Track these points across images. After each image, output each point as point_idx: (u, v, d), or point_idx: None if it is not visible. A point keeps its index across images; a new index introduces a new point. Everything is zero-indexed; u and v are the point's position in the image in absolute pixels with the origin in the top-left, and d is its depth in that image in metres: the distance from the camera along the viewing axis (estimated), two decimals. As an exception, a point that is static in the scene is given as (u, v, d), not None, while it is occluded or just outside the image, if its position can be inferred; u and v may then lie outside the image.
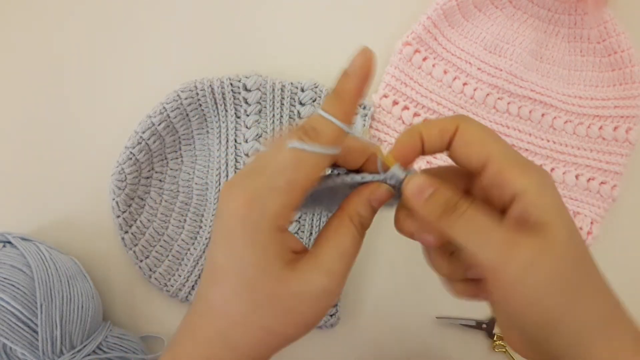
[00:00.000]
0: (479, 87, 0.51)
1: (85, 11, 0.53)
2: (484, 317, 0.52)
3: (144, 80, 0.52)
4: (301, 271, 0.27)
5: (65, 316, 0.43)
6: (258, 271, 0.27)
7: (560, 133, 0.51)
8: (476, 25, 0.52)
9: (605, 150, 0.51)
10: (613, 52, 0.50)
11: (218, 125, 0.51)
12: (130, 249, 0.50)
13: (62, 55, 0.53)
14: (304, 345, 0.52)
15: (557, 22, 0.51)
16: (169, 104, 0.49)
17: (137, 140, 0.48)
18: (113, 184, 0.49)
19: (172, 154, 0.51)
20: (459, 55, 0.51)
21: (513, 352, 0.52)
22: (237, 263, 0.27)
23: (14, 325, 0.41)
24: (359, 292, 0.52)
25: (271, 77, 0.50)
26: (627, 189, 0.52)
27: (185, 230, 0.51)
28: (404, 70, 0.51)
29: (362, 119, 0.50)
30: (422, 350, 0.53)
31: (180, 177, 0.52)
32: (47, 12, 0.53)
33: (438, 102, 0.51)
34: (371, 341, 0.53)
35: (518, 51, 0.51)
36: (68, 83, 0.53)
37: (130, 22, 0.53)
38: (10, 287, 0.42)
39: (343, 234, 0.29)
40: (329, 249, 0.28)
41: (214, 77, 0.49)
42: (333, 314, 0.50)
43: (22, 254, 0.45)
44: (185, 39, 0.53)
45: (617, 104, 0.51)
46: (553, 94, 0.51)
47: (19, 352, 0.42)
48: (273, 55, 0.53)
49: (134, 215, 0.50)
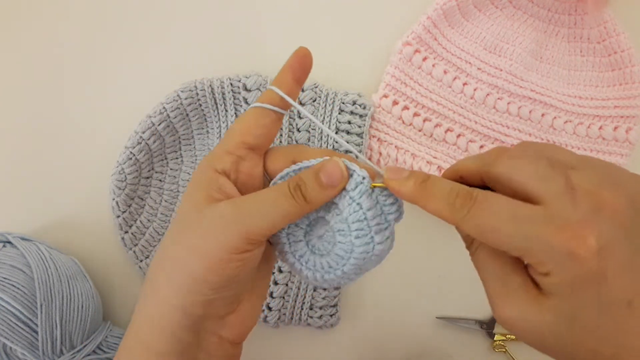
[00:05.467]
0: (479, 87, 0.51)
1: (85, 12, 0.53)
2: (484, 317, 0.52)
3: (144, 80, 0.52)
4: (217, 205, 0.29)
5: (65, 316, 0.43)
6: (188, 206, 0.30)
7: (560, 133, 0.51)
8: (476, 25, 0.52)
9: (605, 150, 0.51)
10: (613, 52, 0.51)
11: (218, 125, 0.51)
12: (130, 249, 0.50)
13: (62, 55, 0.53)
14: (304, 345, 0.52)
15: (557, 22, 0.51)
16: (169, 104, 0.49)
17: (137, 140, 0.48)
18: (113, 184, 0.49)
19: (172, 154, 0.51)
20: (459, 55, 0.51)
21: (513, 352, 0.52)
22: (179, 212, 0.31)
23: (14, 325, 0.41)
24: (359, 292, 0.52)
25: (271, 77, 0.50)
26: (627, 189, 0.52)
27: (185, 230, 0.51)
28: (404, 70, 0.51)
29: (363, 119, 0.50)
30: (422, 350, 0.53)
31: (180, 177, 0.52)
32: (46, 13, 0.53)
33: (438, 102, 0.52)
34: (371, 341, 0.53)
35: (518, 51, 0.51)
36: (68, 83, 0.53)
37: (130, 22, 0.53)
38: (10, 287, 0.42)
39: (274, 188, 0.30)
40: (249, 195, 0.30)
41: (214, 77, 0.49)
42: (333, 314, 0.50)
43: (22, 254, 0.45)
44: (185, 39, 0.53)
45: (617, 104, 0.51)
46: (553, 94, 0.51)
47: (19, 352, 0.42)
48: (273, 55, 0.53)
49: (134, 215, 0.50)
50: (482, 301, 0.52)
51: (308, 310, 0.50)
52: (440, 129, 0.52)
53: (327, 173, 0.29)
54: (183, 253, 0.29)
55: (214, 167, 0.30)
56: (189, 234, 0.29)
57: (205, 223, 0.29)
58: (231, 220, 0.28)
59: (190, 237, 0.29)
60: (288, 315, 0.50)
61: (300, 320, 0.50)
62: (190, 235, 0.29)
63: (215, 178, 0.30)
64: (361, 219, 0.29)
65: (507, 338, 0.52)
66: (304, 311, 0.50)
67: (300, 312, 0.50)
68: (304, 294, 0.50)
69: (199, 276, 0.28)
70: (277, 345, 0.53)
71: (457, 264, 0.51)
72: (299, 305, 0.50)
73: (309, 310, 0.50)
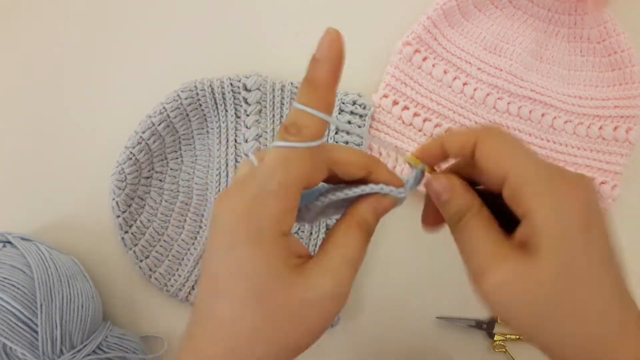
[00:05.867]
0: (479, 87, 0.51)
1: (85, 12, 0.53)
2: (484, 317, 0.52)
3: (144, 80, 0.52)
4: (308, 277, 0.26)
5: (65, 316, 0.43)
6: (267, 279, 0.25)
7: (560, 133, 0.51)
8: (476, 25, 0.52)
9: (605, 150, 0.51)
10: (613, 52, 0.50)
11: (218, 125, 0.51)
12: (130, 249, 0.50)
13: (62, 55, 0.53)
14: (304, 345, 0.52)
15: (557, 22, 0.51)
16: (169, 104, 0.49)
17: (137, 140, 0.48)
18: (113, 184, 0.49)
19: (172, 154, 0.51)
20: (459, 55, 0.51)
21: (513, 352, 0.52)
22: (243, 272, 0.25)
23: (14, 325, 0.41)
24: (359, 292, 0.52)
25: (271, 77, 0.50)
26: (627, 189, 0.52)
27: (185, 230, 0.51)
28: (404, 70, 0.51)
29: (363, 119, 0.50)
30: (422, 350, 0.53)
31: (180, 177, 0.52)
32: (45, 13, 0.53)
33: (438, 102, 0.52)
34: (371, 341, 0.53)
35: (518, 51, 0.51)
36: (68, 83, 0.53)
37: (130, 22, 0.53)
38: (10, 287, 0.42)
39: (350, 239, 0.28)
40: (336, 254, 0.28)
41: (214, 77, 0.49)
42: (333, 314, 0.50)
43: (22, 254, 0.45)
44: (185, 39, 0.53)
45: (617, 104, 0.51)
46: (553, 94, 0.51)
47: (19, 352, 0.42)
48: (273, 55, 0.53)
49: (134, 215, 0.50)
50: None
51: (308, 310, 0.50)
52: (440, 129, 0.52)
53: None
54: (269, 349, 0.26)
55: (279, 228, 0.26)
56: (273, 323, 0.26)
57: (298, 308, 0.26)
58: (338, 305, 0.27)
59: (275, 327, 0.26)
60: (288, 315, 0.50)
61: (300, 320, 0.50)
62: (277, 326, 0.26)
63: (287, 244, 0.27)
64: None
65: (507, 338, 0.52)
66: (304, 311, 0.50)
67: (300, 312, 0.50)
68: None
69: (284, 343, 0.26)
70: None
71: (457, 264, 0.51)
72: (299, 305, 0.50)
73: (309, 310, 0.50)
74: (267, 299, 0.25)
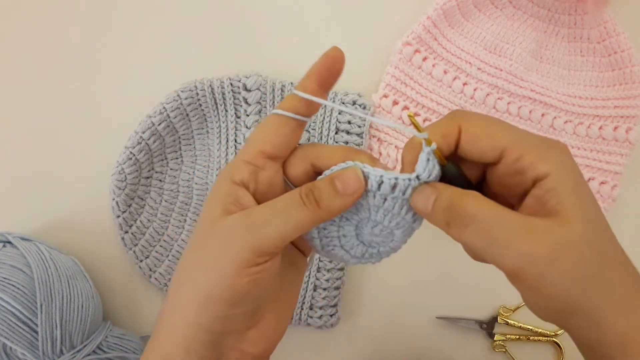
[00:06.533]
0: (479, 87, 0.51)
1: (85, 12, 0.53)
2: (484, 317, 0.52)
3: (144, 80, 0.52)
4: (228, 217, 0.28)
5: (65, 316, 0.43)
6: (204, 220, 0.29)
7: (560, 133, 0.51)
8: (476, 25, 0.52)
9: (605, 150, 0.51)
10: (613, 52, 0.50)
11: (218, 125, 0.51)
12: (130, 249, 0.50)
13: (62, 55, 0.53)
14: (304, 345, 0.52)
15: (557, 22, 0.51)
16: (169, 104, 0.49)
17: (137, 140, 0.48)
18: (113, 184, 0.49)
19: (172, 154, 0.51)
20: (459, 55, 0.51)
21: (513, 352, 0.52)
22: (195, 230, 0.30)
23: (14, 325, 0.41)
24: (359, 292, 0.52)
25: (271, 77, 0.50)
26: (627, 189, 0.52)
27: (185, 230, 0.51)
28: (404, 70, 0.51)
29: (362, 119, 0.50)
30: (422, 350, 0.53)
31: (180, 177, 0.52)
32: (45, 13, 0.53)
33: (438, 102, 0.52)
34: (371, 341, 0.53)
35: (518, 51, 0.51)
36: (68, 83, 0.53)
37: (130, 22, 0.53)
38: (10, 287, 0.42)
39: (285, 196, 0.28)
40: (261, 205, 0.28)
41: (214, 77, 0.49)
42: (333, 314, 0.50)
43: (22, 254, 0.45)
44: (185, 38, 0.53)
45: (617, 104, 0.51)
46: (553, 94, 0.51)
47: (19, 352, 0.42)
48: (273, 55, 0.53)
49: (134, 215, 0.50)
50: (482, 301, 0.53)
51: (308, 310, 0.50)
52: (440, 129, 0.52)
53: (342, 180, 0.28)
54: (197, 269, 0.28)
55: (232, 178, 0.29)
56: (202, 248, 0.28)
57: (216, 237, 0.28)
58: (239, 233, 0.27)
59: (203, 252, 0.28)
60: (288, 315, 0.50)
61: (300, 320, 0.50)
62: (203, 250, 0.28)
63: (232, 190, 0.29)
64: (396, 212, 0.29)
65: (507, 338, 0.52)
66: (304, 311, 0.50)
67: (300, 312, 0.50)
68: (303, 294, 0.50)
69: (213, 293, 0.27)
70: (277, 345, 0.53)
71: (457, 264, 0.51)
72: (298, 305, 0.50)
73: (309, 310, 0.50)
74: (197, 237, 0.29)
